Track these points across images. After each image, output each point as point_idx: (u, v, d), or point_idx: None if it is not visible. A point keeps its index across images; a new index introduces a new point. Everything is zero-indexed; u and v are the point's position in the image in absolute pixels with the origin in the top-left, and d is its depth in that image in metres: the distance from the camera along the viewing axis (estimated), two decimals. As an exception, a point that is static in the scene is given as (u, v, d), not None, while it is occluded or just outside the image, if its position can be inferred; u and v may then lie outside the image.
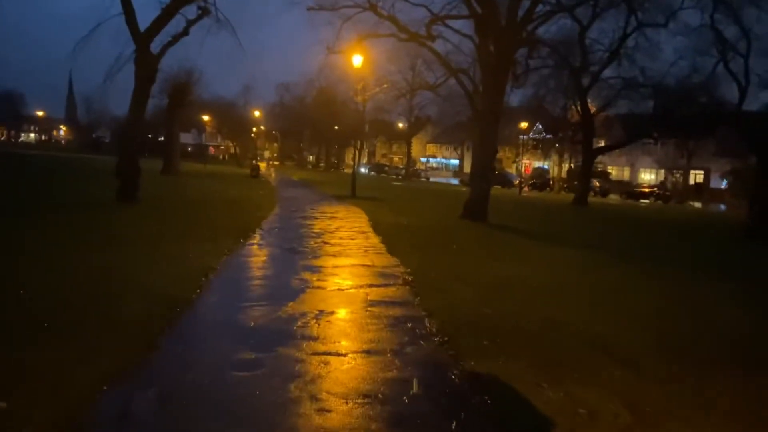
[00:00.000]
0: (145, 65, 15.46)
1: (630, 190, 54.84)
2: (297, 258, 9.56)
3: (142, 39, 15.32)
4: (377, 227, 14.27)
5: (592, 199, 43.09)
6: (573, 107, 34.60)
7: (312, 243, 11.32)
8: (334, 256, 9.96)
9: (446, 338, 5.44)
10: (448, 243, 12.45)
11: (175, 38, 16.64)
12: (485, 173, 17.47)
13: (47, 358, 4.33)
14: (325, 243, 11.39)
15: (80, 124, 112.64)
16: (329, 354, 4.86)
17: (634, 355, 5.34)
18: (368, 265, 9.19)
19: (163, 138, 29.22)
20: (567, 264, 10.73)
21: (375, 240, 12.21)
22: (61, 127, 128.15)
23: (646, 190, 53.68)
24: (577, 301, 7.51)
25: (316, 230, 13.38)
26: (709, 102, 30.37)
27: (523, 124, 53.40)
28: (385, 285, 7.77)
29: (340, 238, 12.30)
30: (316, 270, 8.53)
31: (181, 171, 31.40)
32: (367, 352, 4.97)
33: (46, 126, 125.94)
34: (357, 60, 24.04)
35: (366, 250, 10.72)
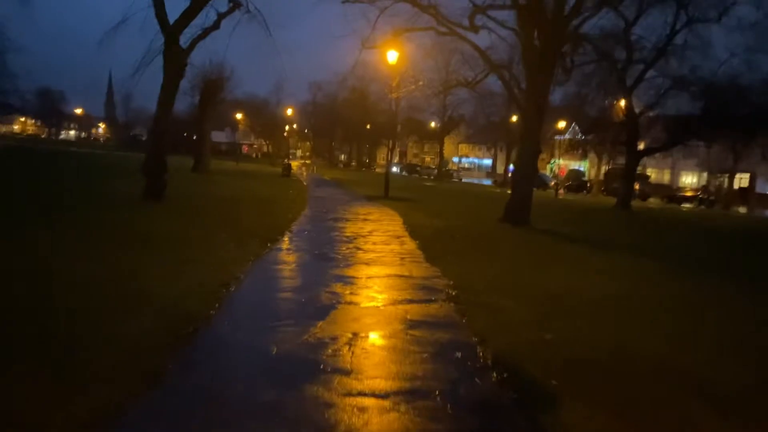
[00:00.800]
0: (174, 59, 14.87)
1: (671, 193, 52.79)
2: (328, 266, 8.75)
3: (170, 32, 14.73)
4: (413, 231, 13.40)
5: (631, 202, 41.41)
6: (615, 107, 33.10)
7: (344, 248, 10.51)
8: (367, 264, 9.12)
9: (505, 374, 4.53)
10: (490, 249, 11.51)
11: (206, 32, 16.03)
12: (528, 174, 16.43)
13: (15, 390, 3.58)
14: (358, 249, 10.56)
15: (119, 122, 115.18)
16: (365, 395, 4.00)
17: (741, 403, 4.36)
18: (406, 276, 8.32)
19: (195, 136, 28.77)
20: (627, 275, 9.68)
21: (411, 245, 11.33)
22: (100, 124, 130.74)
23: (689, 194, 51.60)
24: (650, 323, 6.51)
25: (348, 234, 12.57)
26: (762, 102, 28.64)
27: (561, 125, 51.81)
28: (427, 301, 6.89)
29: (374, 243, 11.46)
30: (348, 281, 7.70)
31: (212, 169, 31.01)
32: (411, 393, 4.09)
33: (86, 123, 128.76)
34: (392, 56, 23.20)
35: (402, 258, 9.85)
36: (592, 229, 17.92)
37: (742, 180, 58.58)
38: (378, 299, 6.85)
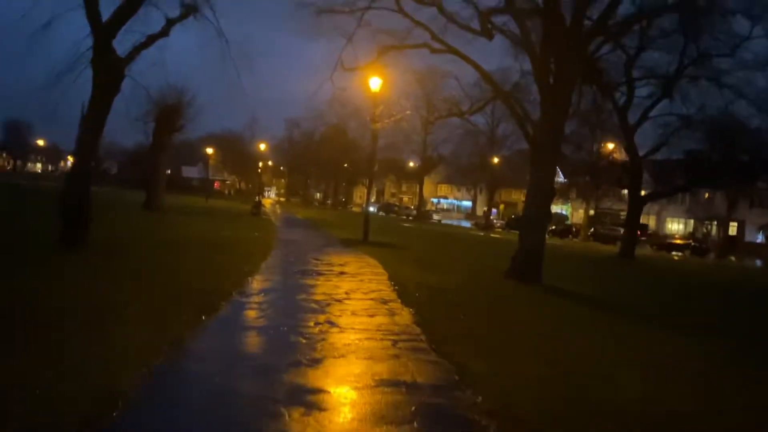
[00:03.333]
0: (107, 68, 11.81)
1: (661, 241, 50.32)
2: (283, 364, 5.59)
3: (102, 33, 11.71)
4: (403, 292, 10.33)
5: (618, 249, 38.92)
6: (609, 149, 30.91)
7: (311, 324, 7.37)
8: (344, 356, 5.99)
9: None
10: (513, 325, 8.45)
11: (150, 39, 13.02)
12: (539, 220, 13.57)
13: None
14: (331, 325, 7.42)
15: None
16: None
17: None
18: (409, 386, 5.20)
19: (149, 168, 25.17)
20: (728, 379, 6.69)
21: (406, 318, 8.24)
22: (69, 157, 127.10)
23: (680, 241, 49.19)
24: None
25: (318, 297, 9.42)
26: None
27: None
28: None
29: (353, 313, 8.33)
30: (313, 403, 4.54)
31: (169, 206, 27.28)
32: None
33: (54, 156, 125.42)
34: (375, 83, 20.59)
35: (395, 342, 6.73)
36: (613, 287, 15.05)
37: (730, 228, 57.02)
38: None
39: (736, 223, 56.63)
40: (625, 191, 52.20)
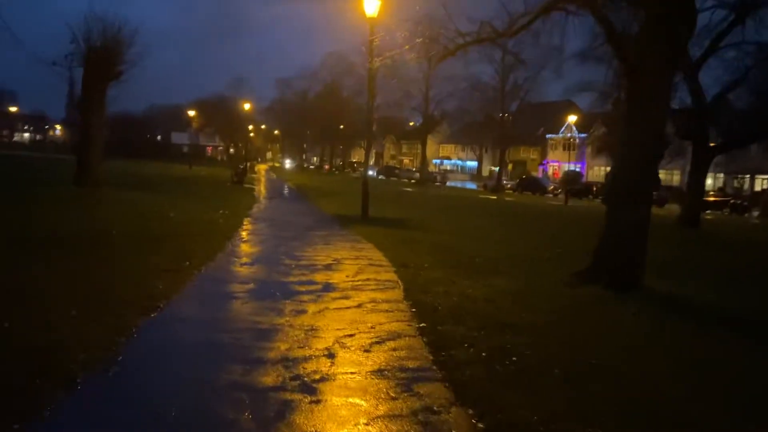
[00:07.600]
0: None
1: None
2: None
3: None
4: (437, 338, 5.46)
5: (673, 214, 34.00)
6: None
7: None
8: None
9: None
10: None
11: None
12: (643, 188, 8.55)
13: None
14: None
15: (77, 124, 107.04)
16: None
17: None
18: None
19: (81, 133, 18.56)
20: None
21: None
22: (57, 126, 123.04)
23: (715, 198, 43.77)
24: None
25: (269, 374, 4.47)
26: None
27: (572, 118, 43.96)
28: None
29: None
30: None
31: (114, 179, 21.25)
32: None
33: (41, 125, 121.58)
34: (371, 6, 15.43)
35: None
36: (734, 284, 10.09)
37: (764, 181, 51.93)
38: None
39: (766, 176, 51.66)
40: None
